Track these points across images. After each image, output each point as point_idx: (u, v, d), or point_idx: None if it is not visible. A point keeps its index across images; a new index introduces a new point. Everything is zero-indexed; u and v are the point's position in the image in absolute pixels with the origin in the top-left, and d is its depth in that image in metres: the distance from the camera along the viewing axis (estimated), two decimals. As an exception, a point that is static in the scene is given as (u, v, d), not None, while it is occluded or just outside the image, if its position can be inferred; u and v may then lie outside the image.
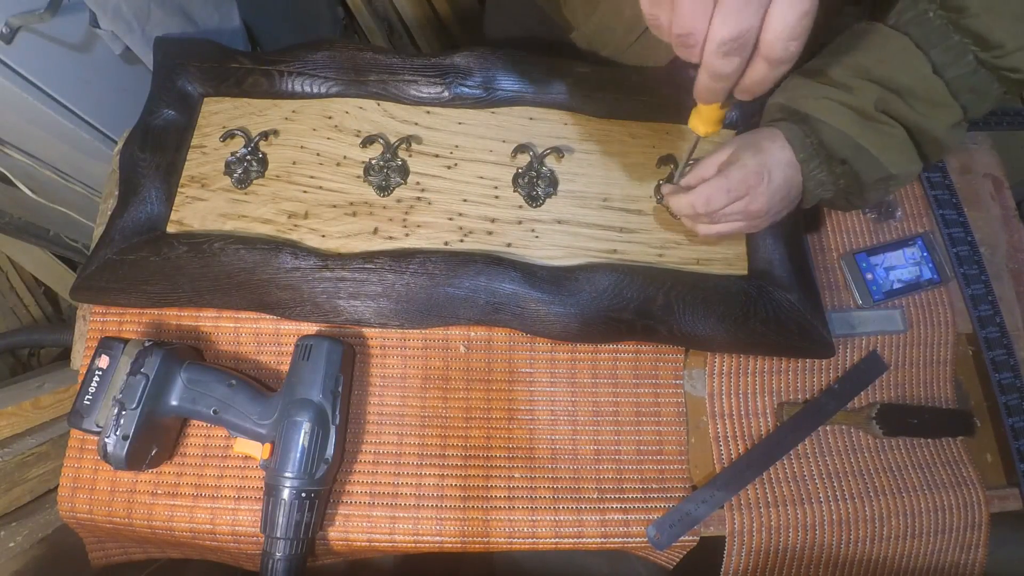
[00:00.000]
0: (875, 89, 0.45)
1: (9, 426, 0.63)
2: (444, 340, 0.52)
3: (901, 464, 0.53)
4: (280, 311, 0.50)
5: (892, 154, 0.45)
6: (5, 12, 0.52)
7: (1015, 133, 0.69)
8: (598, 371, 0.52)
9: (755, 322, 0.50)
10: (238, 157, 0.54)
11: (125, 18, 0.59)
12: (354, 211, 0.53)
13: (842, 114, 0.45)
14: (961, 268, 0.59)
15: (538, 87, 0.57)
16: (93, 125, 0.69)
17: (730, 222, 0.48)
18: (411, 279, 0.49)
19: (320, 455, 0.44)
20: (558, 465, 0.50)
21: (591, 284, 0.50)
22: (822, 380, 0.54)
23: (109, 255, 0.50)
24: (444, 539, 0.48)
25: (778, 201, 0.47)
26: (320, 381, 0.46)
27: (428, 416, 0.51)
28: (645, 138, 0.57)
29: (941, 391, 0.56)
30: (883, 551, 0.51)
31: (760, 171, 0.45)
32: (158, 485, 0.48)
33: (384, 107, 0.57)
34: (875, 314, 0.56)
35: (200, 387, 0.46)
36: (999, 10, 0.41)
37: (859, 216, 0.60)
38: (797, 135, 0.47)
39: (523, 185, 0.54)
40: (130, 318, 0.52)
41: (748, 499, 0.50)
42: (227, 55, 0.57)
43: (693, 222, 0.50)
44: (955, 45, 0.42)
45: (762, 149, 0.47)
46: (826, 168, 0.47)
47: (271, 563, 0.43)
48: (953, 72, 0.43)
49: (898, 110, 0.45)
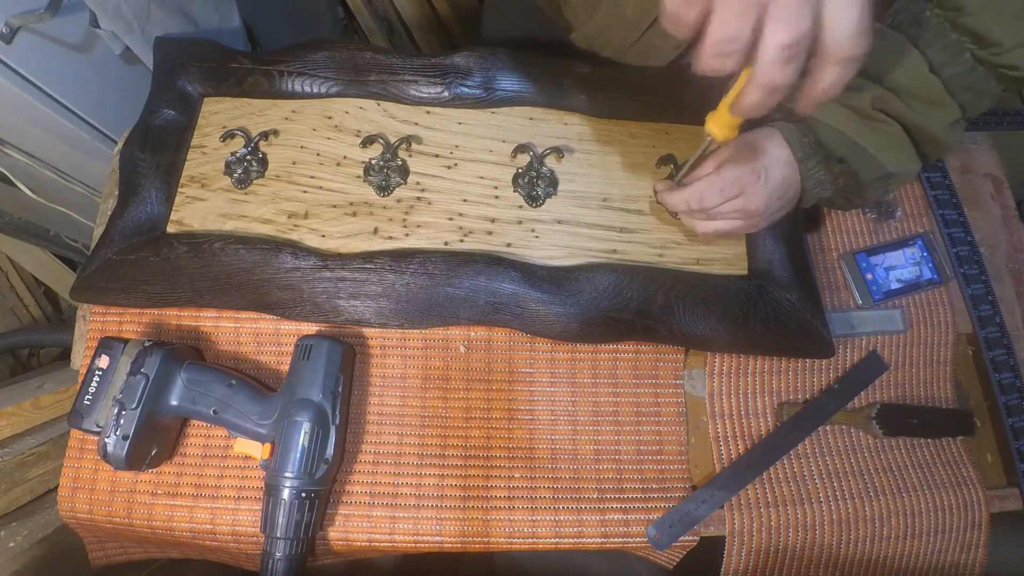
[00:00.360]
0: (872, 88, 0.45)
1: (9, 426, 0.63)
2: (444, 340, 0.52)
3: (901, 464, 0.53)
4: (280, 311, 0.50)
5: (890, 153, 0.45)
6: (5, 12, 0.52)
7: (1015, 133, 0.69)
8: (598, 371, 0.52)
9: (755, 322, 0.50)
10: (238, 157, 0.54)
11: (125, 18, 0.59)
12: (354, 211, 0.53)
13: (839, 113, 0.45)
14: (961, 268, 0.59)
15: (538, 87, 0.57)
16: (93, 125, 0.69)
17: (728, 220, 0.48)
18: (411, 279, 0.49)
19: (320, 455, 0.44)
20: (558, 465, 0.50)
21: (591, 284, 0.50)
22: (822, 380, 0.54)
23: (109, 255, 0.50)
24: (444, 539, 0.48)
25: (776, 200, 0.47)
26: (320, 381, 0.46)
27: (428, 416, 0.51)
28: (645, 138, 0.57)
29: (941, 391, 0.56)
30: (883, 551, 0.51)
31: (756, 170, 0.45)
32: (158, 485, 0.48)
33: (384, 107, 0.57)
34: (875, 314, 0.56)
35: (200, 387, 0.46)
36: (996, 8, 0.41)
37: (859, 216, 0.60)
38: (794, 134, 0.47)
39: (523, 185, 0.54)
40: (130, 318, 0.52)
41: (748, 499, 0.50)
42: (227, 55, 0.57)
43: (690, 220, 0.50)
44: (952, 43, 0.42)
45: (759, 148, 0.47)
46: (824, 167, 0.47)
47: (271, 563, 0.43)
48: (950, 71, 0.43)
49: (895, 109, 0.45)
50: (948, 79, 0.43)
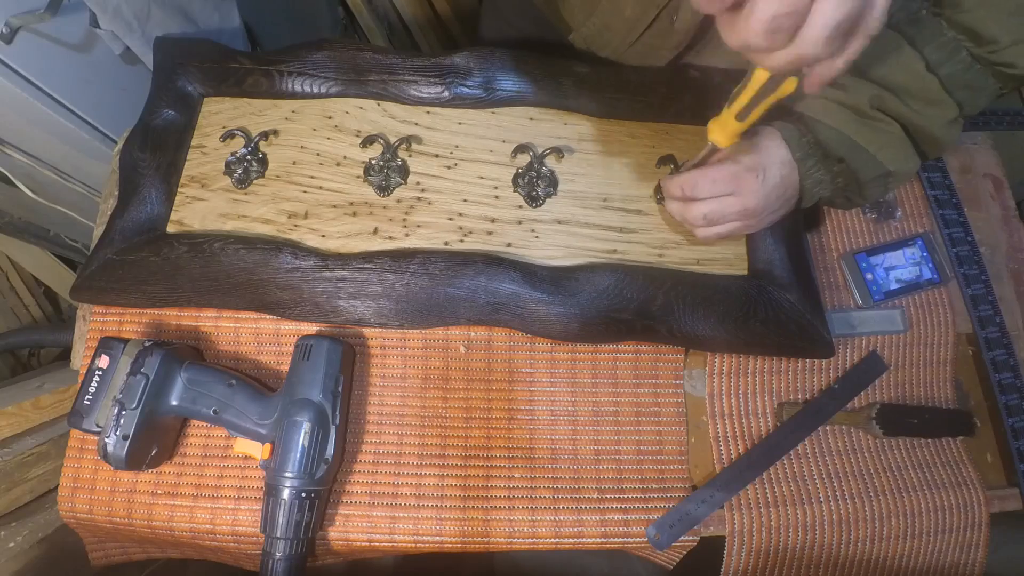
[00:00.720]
0: (870, 87, 0.45)
1: (9, 426, 0.63)
2: (444, 340, 0.52)
3: (901, 464, 0.53)
4: (280, 311, 0.50)
5: (889, 151, 0.45)
6: (5, 12, 0.52)
7: (1015, 133, 0.69)
8: (598, 371, 0.52)
9: (755, 322, 0.50)
10: (238, 157, 0.54)
11: (125, 18, 0.59)
12: (354, 211, 0.53)
13: (838, 112, 0.45)
14: (961, 268, 0.59)
15: (538, 87, 0.57)
16: (93, 125, 0.69)
17: (727, 223, 0.48)
18: (411, 279, 0.49)
19: (320, 455, 0.44)
20: (558, 465, 0.50)
21: (591, 284, 0.50)
22: (822, 380, 0.54)
23: (109, 255, 0.50)
24: (444, 539, 0.48)
25: (775, 199, 0.47)
26: (320, 381, 0.46)
27: (428, 416, 0.51)
28: (645, 138, 0.57)
29: (941, 391, 0.56)
30: (883, 551, 0.51)
31: (755, 168, 0.45)
32: (158, 485, 0.48)
33: (384, 107, 0.57)
34: (875, 314, 0.56)
35: (200, 387, 0.46)
36: (992, 5, 0.41)
37: (859, 216, 0.60)
38: (793, 134, 0.47)
39: (523, 185, 0.54)
40: (130, 318, 0.52)
41: (748, 499, 0.50)
42: (227, 55, 0.57)
43: (691, 226, 0.50)
44: (948, 42, 0.42)
45: (758, 147, 0.47)
46: (823, 166, 0.47)
47: (271, 563, 0.43)
48: (947, 69, 0.43)
49: (894, 108, 0.45)
50: (945, 77, 0.43)
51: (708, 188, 0.46)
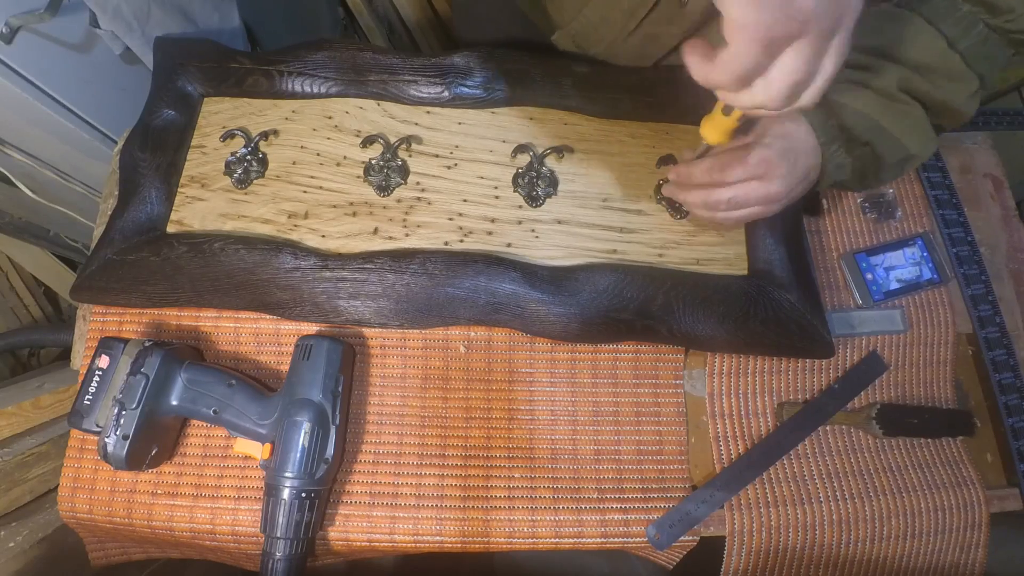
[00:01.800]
0: (897, 69, 0.45)
1: (9, 426, 0.63)
2: (444, 340, 0.52)
3: (901, 464, 0.53)
4: (280, 311, 0.50)
5: (913, 136, 0.46)
6: (5, 12, 0.52)
7: (1015, 133, 0.69)
8: (598, 371, 0.52)
9: (755, 322, 0.50)
10: (238, 157, 0.54)
11: (125, 18, 0.59)
12: (354, 211, 0.53)
13: (864, 96, 0.45)
14: (961, 268, 0.59)
15: (538, 87, 0.57)
16: (93, 125, 0.69)
17: (748, 208, 0.46)
18: (411, 279, 0.49)
19: (320, 455, 0.44)
20: (558, 465, 0.50)
21: (591, 284, 0.50)
22: (822, 380, 0.54)
23: (109, 255, 0.50)
24: (444, 539, 0.48)
25: (796, 184, 0.46)
26: (320, 381, 0.46)
27: (428, 416, 0.51)
28: (645, 138, 0.57)
29: (941, 391, 0.56)
30: (883, 551, 0.51)
31: (785, 154, 0.45)
32: (158, 485, 0.48)
33: (384, 107, 0.57)
34: (875, 314, 0.56)
35: (200, 387, 0.46)
36: None
37: (859, 216, 0.60)
38: (818, 117, 0.46)
39: (523, 185, 0.54)
40: (130, 318, 0.52)
41: (748, 499, 0.50)
42: (227, 55, 0.57)
43: (710, 211, 0.48)
44: (964, 16, 0.43)
45: (788, 133, 0.46)
46: (846, 150, 0.47)
47: (271, 563, 0.43)
48: (966, 43, 0.43)
49: (920, 88, 0.45)
50: (965, 51, 0.43)
51: (740, 172, 0.44)
